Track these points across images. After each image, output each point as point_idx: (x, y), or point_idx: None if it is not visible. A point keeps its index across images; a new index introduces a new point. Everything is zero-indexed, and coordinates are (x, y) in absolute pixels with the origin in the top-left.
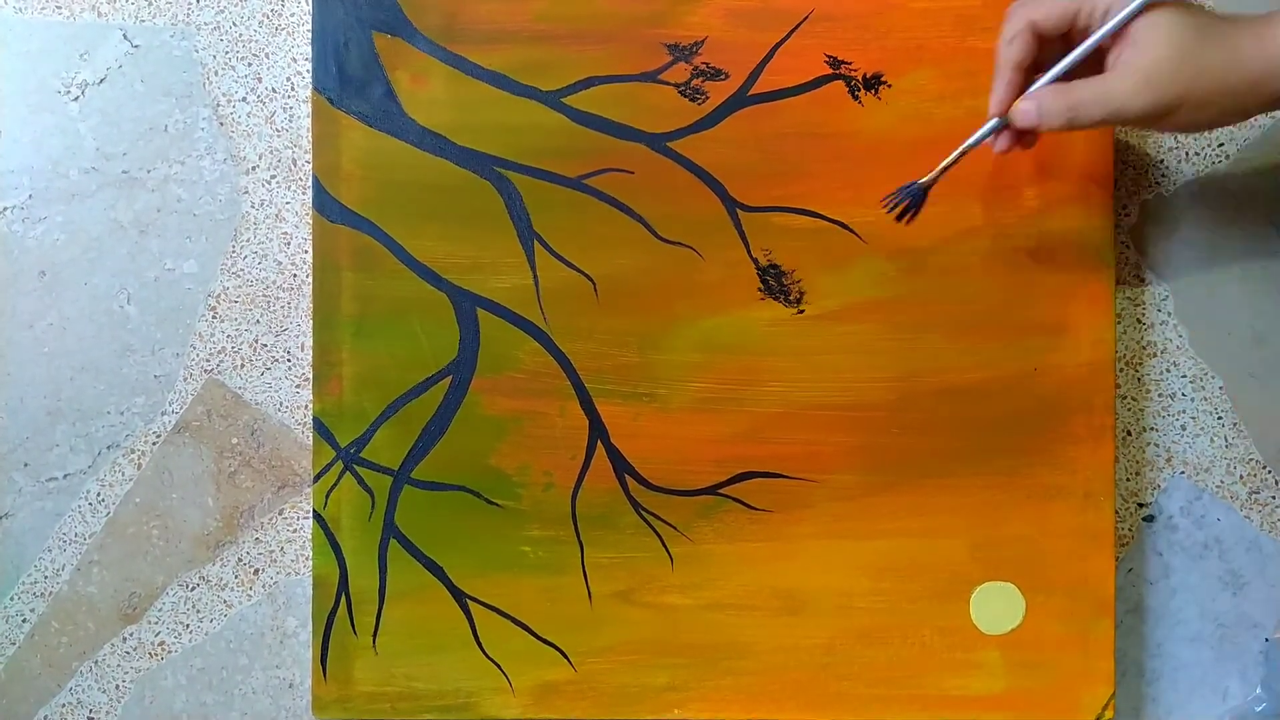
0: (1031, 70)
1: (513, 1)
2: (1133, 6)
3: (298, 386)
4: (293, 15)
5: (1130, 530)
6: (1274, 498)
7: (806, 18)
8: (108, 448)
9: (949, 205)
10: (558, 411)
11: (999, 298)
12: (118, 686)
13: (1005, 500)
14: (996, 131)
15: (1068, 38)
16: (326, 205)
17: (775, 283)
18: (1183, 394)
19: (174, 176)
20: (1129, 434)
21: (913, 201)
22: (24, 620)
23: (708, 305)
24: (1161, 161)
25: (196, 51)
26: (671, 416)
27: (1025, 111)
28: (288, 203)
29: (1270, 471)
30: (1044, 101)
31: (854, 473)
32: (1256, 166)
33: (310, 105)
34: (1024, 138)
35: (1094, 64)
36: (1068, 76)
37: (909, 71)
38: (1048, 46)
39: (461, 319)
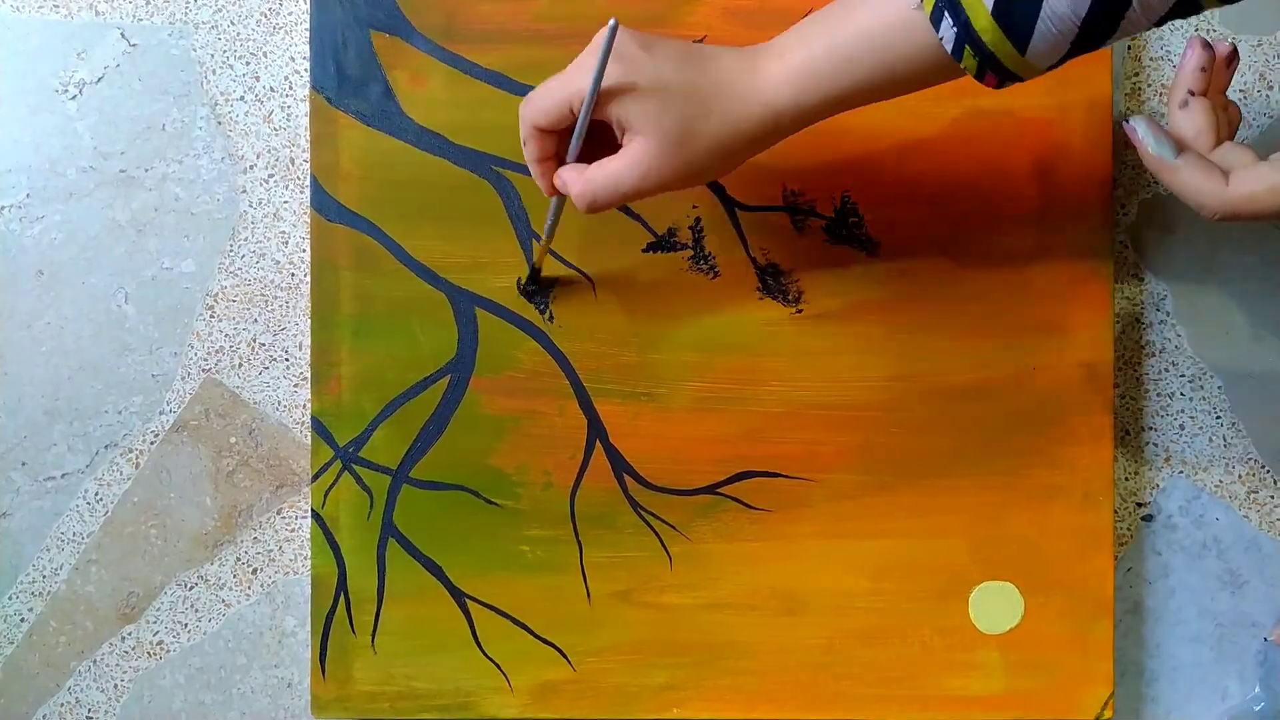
0: (561, 156)
1: (512, 1)
2: (586, 102)
3: (296, 386)
4: (290, 14)
5: (1129, 530)
6: (1272, 497)
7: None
8: (105, 447)
9: (949, 206)
10: (557, 411)
11: (998, 298)
12: (116, 686)
13: (1004, 500)
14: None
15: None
16: (325, 204)
17: (774, 282)
18: (1181, 394)
19: (172, 175)
20: (1128, 434)
21: (538, 289)
22: (22, 620)
23: (707, 305)
24: None
25: (194, 50)
26: (671, 416)
27: (561, 187)
28: (286, 202)
29: (1269, 471)
30: (567, 182)
31: (853, 473)
32: None
33: (308, 104)
34: None
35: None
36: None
37: None
38: (564, 134)
39: (460, 318)
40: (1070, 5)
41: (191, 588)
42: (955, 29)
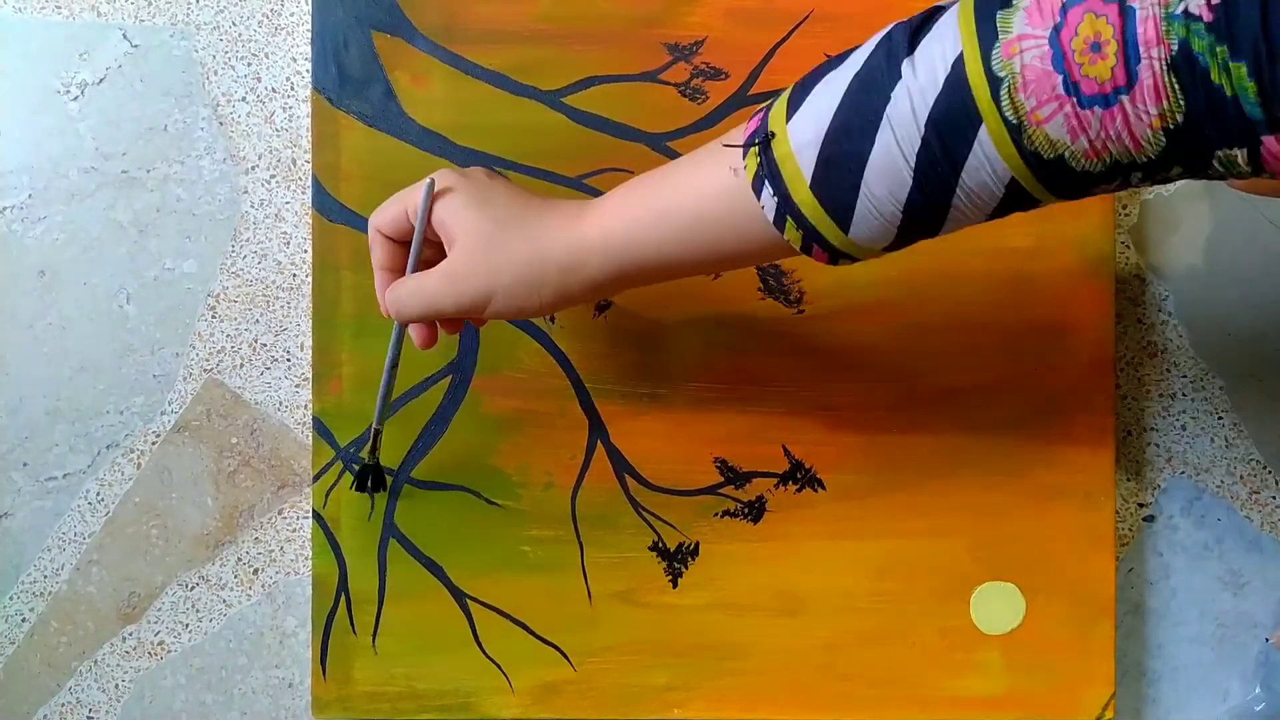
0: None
1: (513, 1)
2: (420, 206)
3: (297, 386)
4: (292, 15)
5: (1131, 530)
6: (1274, 498)
7: (806, 18)
8: (107, 447)
9: None
10: (558, 411)
11: (999, 298)
12: (117, 686)
13: (1006, 500)
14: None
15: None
16: (326, 205)
17: (775, 283)
18: (1183, 394)
19: (173, 176)
20: (1129, 434)
21: (373, 478)
22: (23, 620)
23: (708, 305)
24: None
25: (196, 51)
26: (672, 416)
27: (381, 303)
28: (287, 202)
29: (1270, 471)
30: (386, 295)
31: (854, 473)
32: None
33: (310, 105)
34: (425, 331)
35: None
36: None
37: None
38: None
39: None
40: (889, 190)
41: (193, 588)
42: (776, 199)
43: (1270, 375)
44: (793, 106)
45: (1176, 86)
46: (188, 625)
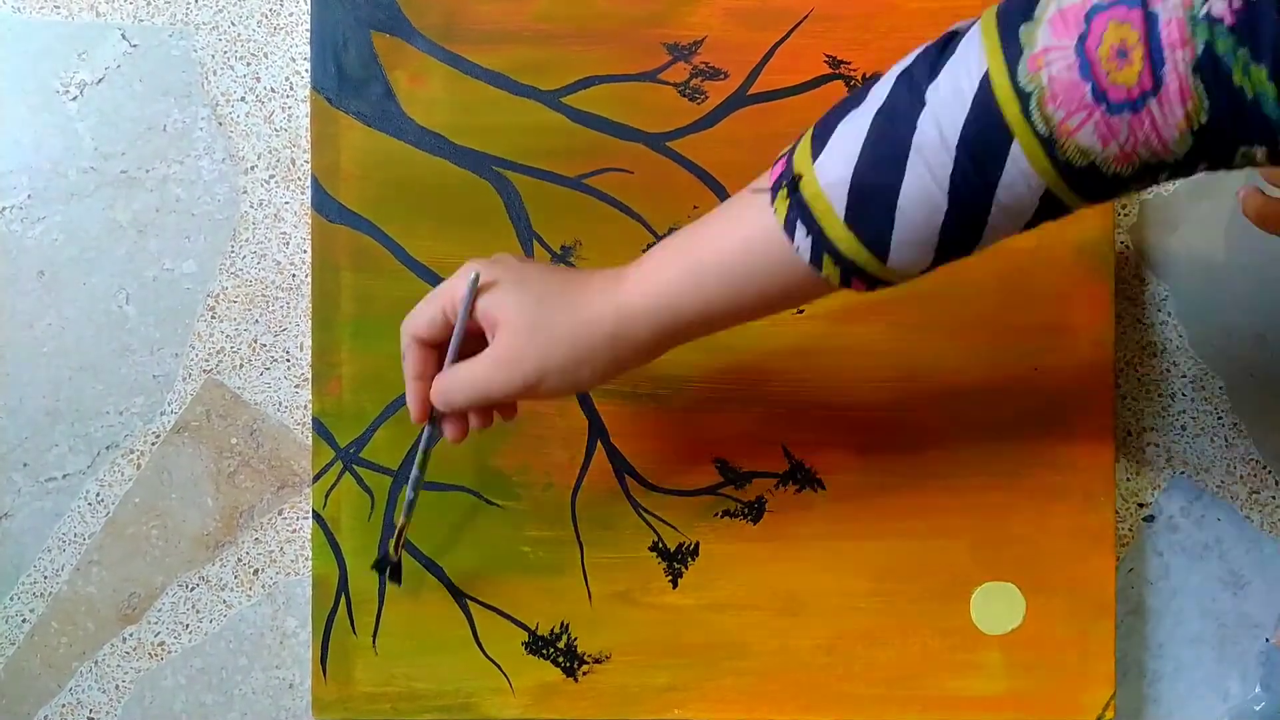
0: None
1: (512, 1)
2: (463, 300)
3: (297, 386)
4: (291, 15)
5: (1131, 530)
6: (1274, 498)
7: (806, 17)
8: (107, 448)
9: None
10: (558, 412)
11: (999, 298)
12: (117, 687)
13: (1006, 500)
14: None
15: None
16: (325, 205)
17: None
18: (1183, 394)
19: (173, 176)
20: (1129, 434)
21: (391, 570)
22: (24, 620)
23: None
24: None
25: (195, 51)
26: (672, 416)
27: (432, 395)
28: (286, 202)
29: (1270, 472)
30: (434, 384)
31: (854, 473)
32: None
33: (309, 105)
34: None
35: None
36: None
37: None
38: (444, 347)
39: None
40: (924, 216)
41: (193, 588)
42: (810, 238)
43: (1270, 375)
44: (817, 146)
45: (1201, 88)
46: (188, 626)
